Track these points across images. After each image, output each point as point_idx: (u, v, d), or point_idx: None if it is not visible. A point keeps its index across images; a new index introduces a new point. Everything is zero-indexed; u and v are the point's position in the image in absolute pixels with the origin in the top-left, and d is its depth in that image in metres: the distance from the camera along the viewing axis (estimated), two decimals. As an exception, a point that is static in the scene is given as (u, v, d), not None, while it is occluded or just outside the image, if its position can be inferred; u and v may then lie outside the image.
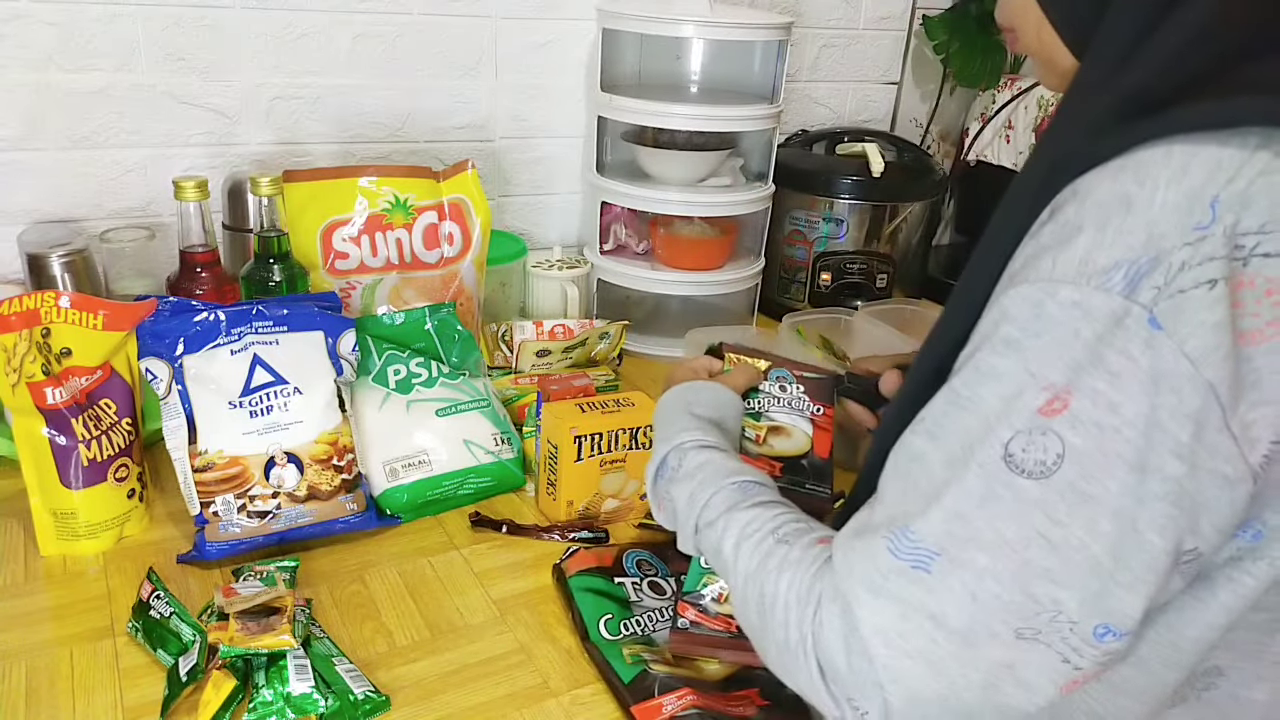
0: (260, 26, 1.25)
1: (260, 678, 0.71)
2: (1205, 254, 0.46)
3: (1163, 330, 0.46)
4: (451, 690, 0.75)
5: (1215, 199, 0.47)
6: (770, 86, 1.40)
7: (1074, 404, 0.47)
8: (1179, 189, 0.47)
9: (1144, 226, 0.47)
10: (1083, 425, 0.47)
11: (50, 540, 0.88)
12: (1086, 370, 0.47)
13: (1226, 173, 0.47)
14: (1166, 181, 0.48)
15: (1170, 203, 0.47)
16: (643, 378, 1.29)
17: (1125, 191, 0.48)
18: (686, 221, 1.41)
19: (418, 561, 0.91)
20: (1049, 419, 0.48)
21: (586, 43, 1.45)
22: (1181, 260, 0.46)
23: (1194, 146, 0.48)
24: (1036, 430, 0.48)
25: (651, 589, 0.86)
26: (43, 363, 0.83)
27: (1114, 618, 0.48)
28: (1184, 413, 0.46)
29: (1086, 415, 0.47)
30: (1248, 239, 0.46)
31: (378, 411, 0.97)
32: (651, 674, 0.75)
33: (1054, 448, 0.48)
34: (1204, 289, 0.46)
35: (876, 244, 1.52)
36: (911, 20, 1.75)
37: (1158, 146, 0.49)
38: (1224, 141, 0.48)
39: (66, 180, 1.21)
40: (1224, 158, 0.47)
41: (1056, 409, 0.48)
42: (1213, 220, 0.46)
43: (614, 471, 0.97)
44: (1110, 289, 0.47)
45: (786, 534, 0.59)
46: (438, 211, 1.15)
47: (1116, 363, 0.47)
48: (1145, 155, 0.49)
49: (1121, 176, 0.49)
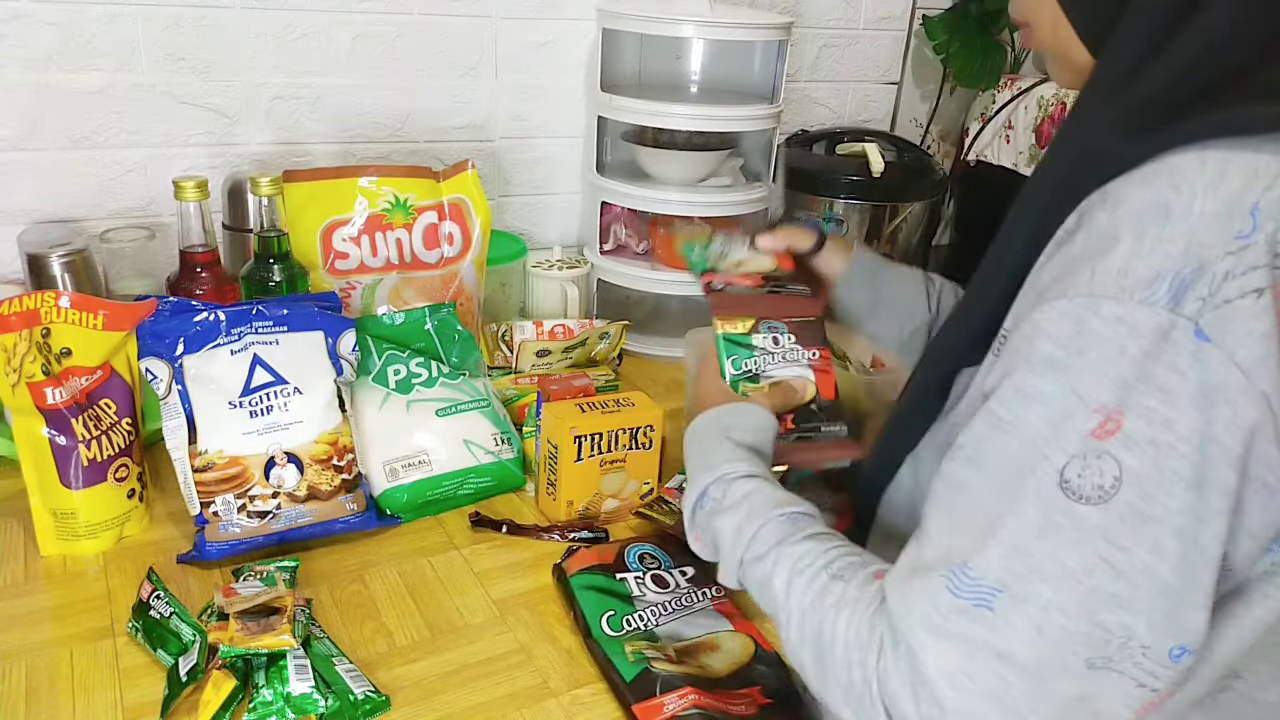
0: (260, 26, 1.25)
1: (260, 678, 0.71)
2: (1249, 263, 0.46)
3: (1210, 342, 0.45)
4: (451, 690, 0.75)
5: (1255, 206, 0.46)
6: (770, 86, 1.40)
7: (1127, 424, 0.46)
8: (1217, 196, 0.46)
9: (1184, 235, 0.46)
10: (1138, 445, 0.46)
11: (50, 540, 0.88)
12: (1136, 388, 0.46)
13: (1264, 180, 0.47)
14: (1204, 188, 0.47)
15: (1209, 211, 0.46)
16: (643, 378, 1.29)
17: (1162, 199, 0.47)
18: (686, 221, 1.41)
19: (418, 561, 0.91)
20: (1102, 441, 0.47)
21: (586, 43, 1.45)
22: (1225, 270, 0.46)
23: (1228, 153, 0.47)
24: (1091, 454, 0.47)
25: (655, 582, 0.86)
26: (43, 363, 0.83)
27: (1186, 637, 0.47)
28: (1239, 424, 0.45)
29: (1141, 435, 0.46)
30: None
31: (378, 411, 0.97)
32: (654, 672, 0.75)
33: (1110, 470, 0.46)
34: (1251, 298, 0.45)
35: (876, 244, 1.52)
36: (911, 20, 1.75)
37: (1190, 152, 0.48)
38: (1259, 147, 0.47)
39: (66, 180, 1.21)
40: (1261, 164, 0.47)
41: (1110, 430, 0.47)
42: (1254, 229, 0.46)
43: (614, 471, 0.97)
44: (1155, 302, 0.46)
45: (841, 569, 0.57)
46: (438, 211, 1.15)
47: (1166, 379, 0.46)
48: (1178, 161, 0.48)
49: (1156, 183, 0.48)
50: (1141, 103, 0.51)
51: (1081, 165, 0.52)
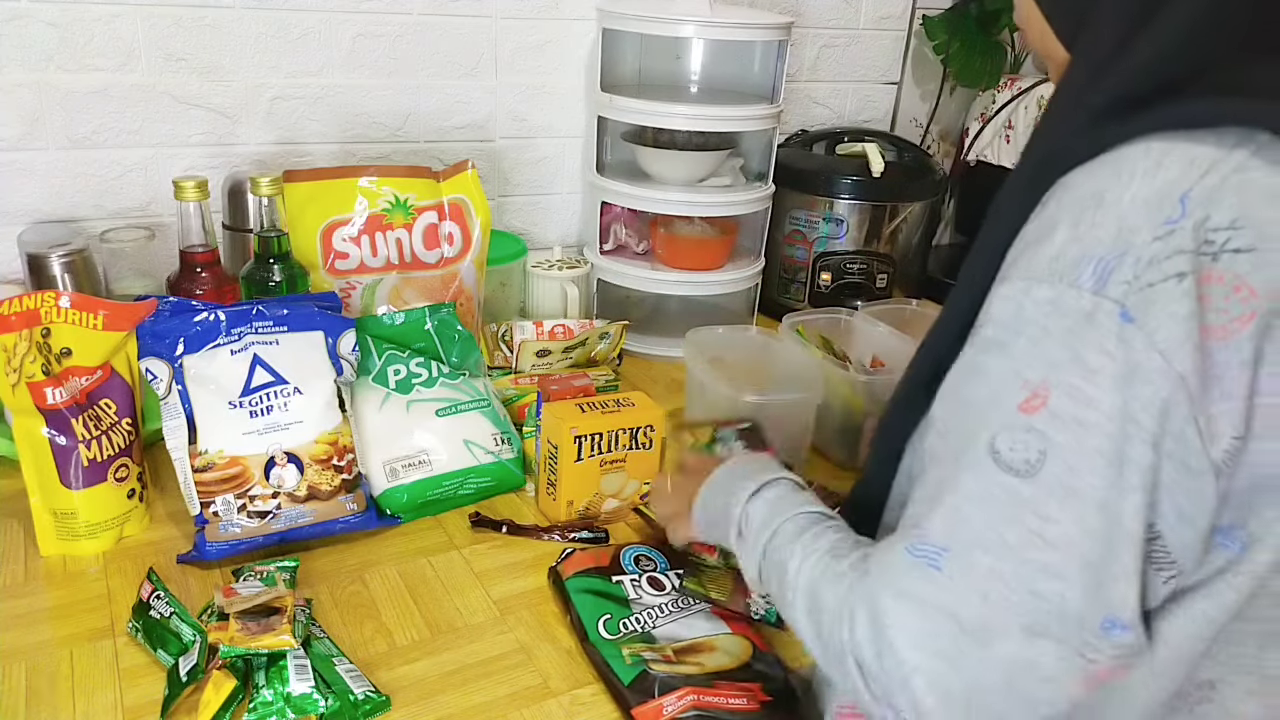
0: (260, 26, 1.25)
1: (260, 678, 0.71)
2: (1174, 247, 0.47)
3: (1134, 323, 0.47)
4: (451, 690, 0.75)
5: (1186, 194, 0.47)
6: (770, 86, 1.40)
7: (1053, 401, 0.48)
8: (1152, 184, 0.48)
9: (1114, 220, 0.48)
10: (1062, 421, 0.48)
11: (50, 540, 0.88)
12: (1063, 367, 0.48)
13: (1200, 169, 0.48)
14: (1141, 176, 0.48)
15: (1141, 197, 0.48)
16: (643, 378, 1.29)
17: (1100, 187, 0.50)
18: (686, 221, 1.41)
19: (418, 561, 0.91)
20: (1030, 416, 0.49)
21: (586, 43, 1.45)
22: (1151, 254, 0.47)
23: (1171, 143, 0.49)
24: (1019, 428, 0.49)
25: (651, 585, 0.86)
26: (43, 363, 0.83)
27: (1115, 609, 0.49)
28: (1155, 404, 0.47)
29: (1065, 411, 0.48)
30: (1218, 234, 0.47)
31: (378, 411, 0.97)
32: (652, 674, 0.75)
33: (1037, 445, 0.49)
34: (1173, 282, 0.47)
35: (876, 244, 1.52)
36: (911, 20, 1.75)
37: (1138, 144, 0.50)
38: (1201, 139, 0.48)
39: (66, 180, 1.21)
40: (1199, 155, 0.48)
41: (1036, 406, 0.49)
42: (1182, 215, 0.47)
43: (614, 471, 0.97)
44: (1081, 285, 0.48)
45: (839, 550, 0.60)
46: (438, 211, 1.15)
47: (1092, 359, 0.48)
48: (1125, 152, 0.50)
49: (1100, 172, 0.50)
50: (1106, 100, 0.53)
51: (1048, 160, 0.54)
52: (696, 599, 0.84)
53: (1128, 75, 0.52)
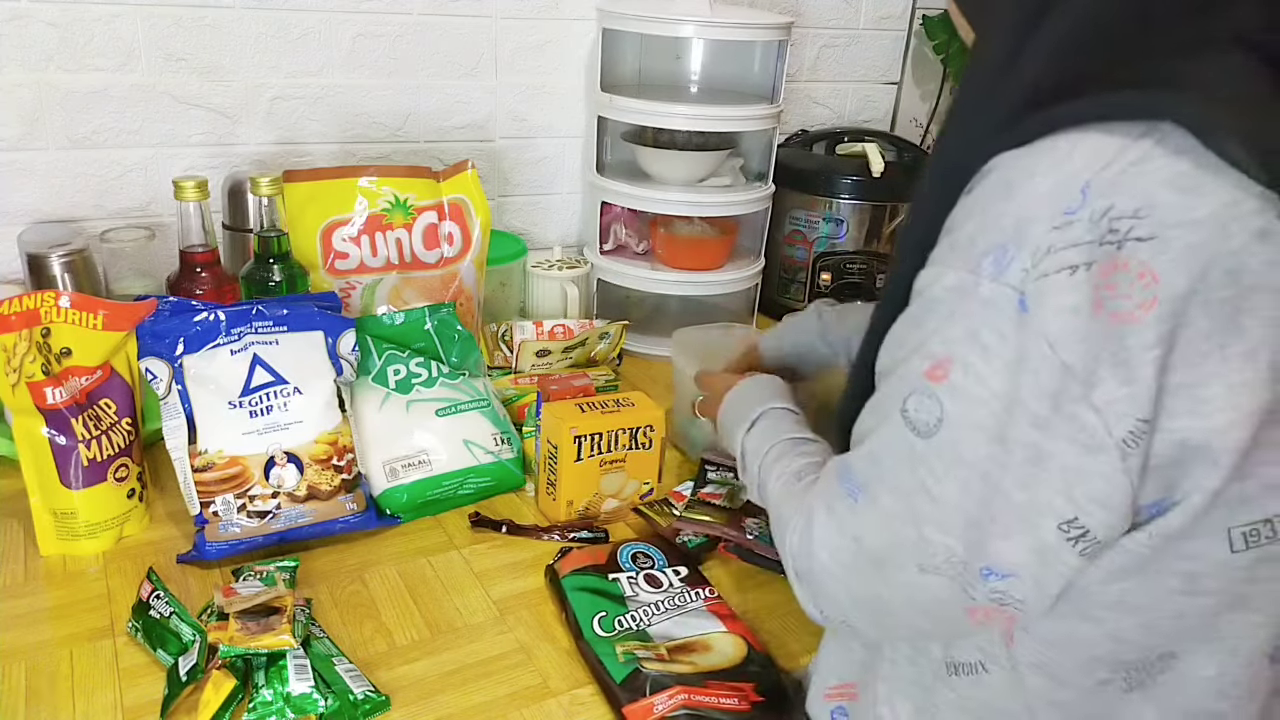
0: (260, 26, 1.25)
1: (260, 678, 0.71)
2: (1071, 239, 0.49)
3: (1028, 312, 0.49)
4: (451, 690, 0.75)
5: (1087, 184, 0.49)
6: (770, 86, 1.40)
7: (952, 374, 0.53)
8: (1057, 175, 0.50)
9: (1016, 211, 0.50)
10: (956, 395, 0.53)
11: (50, 540, 0.88)
12: (962, 344, 0.52)
13: (1103, 159, 0.49)
14: (1046, 168, 0.50)
15: (1044, 189, 0.50)
16: (643, 378, 1.29)
17: (1009, 178, 0.52)
18: (686, 221, 1.41)
19: (417, 561, 0.91)
20: (933, 384, 0.54)
21: (586, 43, 1.45)
22: (1048, 244, 0.49)
23: (1080, 135, 0.50)
24: (924, 393, 0.54)
25: (648, 582, 0.86)
26: (43, 363, 0.83)
27: (993, 561, 0.53)
28: (1041, 391, 0.50)
29: (960, 386, 0.52)
30: (1122, 223, 0.48)
31: (377, 411, 0.97)
32: (644, 673, 0.75)
33: (934, 411, 0.54)
34: (1065, 274, 0.48)
35: (876, 244, 1.52)
36: (911, 20, 1.75)
37: (1052, 137, 0.51)
38: (1110, 130, 0.50)
39: (66, 180, 1.21)
40: (1105, 145, 0.49)
41: (939, 376, 0.53)
42: (1081, 205, 0.49)
43: (614, 471, 0.97)
44: (981, 273, 0.51)
45: (804, 473, 0.70)
46: (438, 211, 1.15)
47: (989, 340, 0.51)
48: (1040, 144, 0.52)
49: (1014, 164, 0.52)
50: (1014, 93, 0.55)
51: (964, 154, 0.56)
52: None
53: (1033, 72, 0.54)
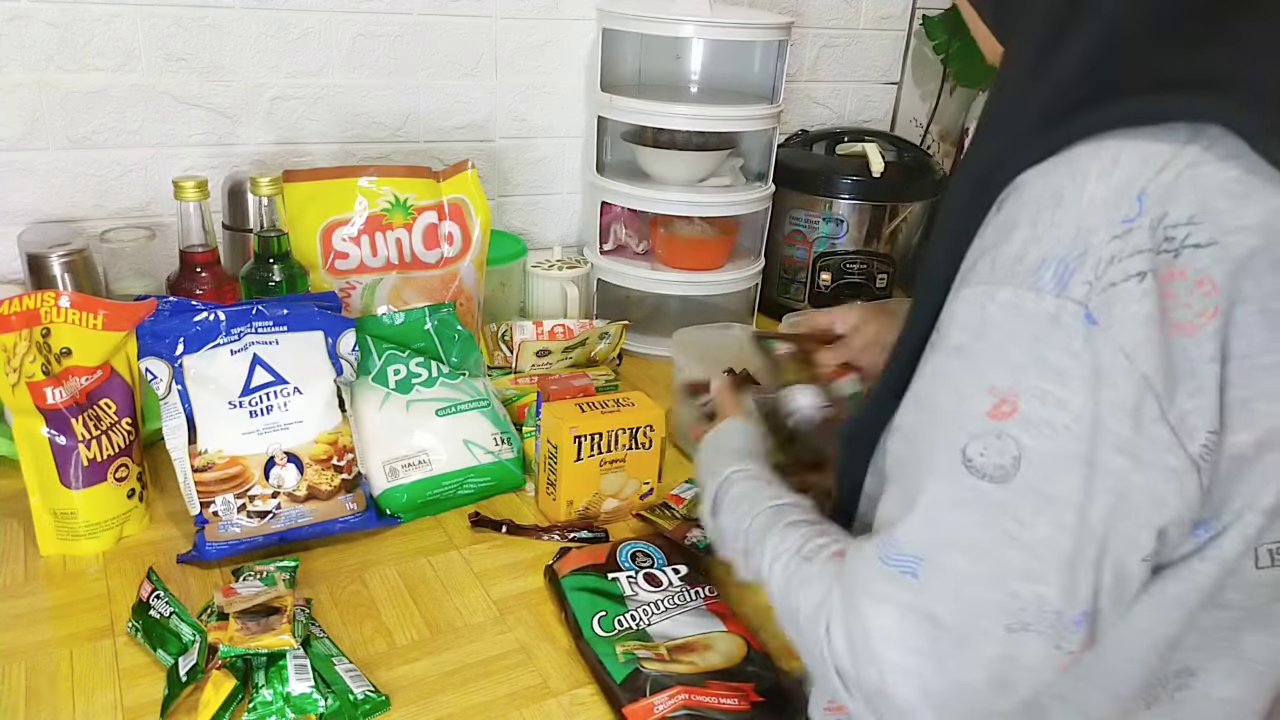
0: (260, 26, 1.25)
1: (260, 678, 0.71)
2: (1133, 246, 0.47)
3: (1098, 325, 0.47)
4: (451, 690, 0.75)
5: (1143, 192, 0.47)
6: (770, 86, 1.40)
7: (1023, 406, 0.48)
8: (1108, 183, 0.48)
9: (1073, 221, 0.48)
10: (1034, 427, 0.48)
11: (50, 540, 0.88)
12: (1030, 371, 0.48)
13: (1154, 166, 0.48)
14: (1097, 175, 0.48)
15: (1098, 197, 0.48)
16: (643, 378, 1.29)
17: (1057, 187, 0.49)
18: (686, 221, 1.41)
19: (417, 561, 0.91)
20: (1001, 422, 0.49)
21: (586, 43, 1.45)
22: (1111, 254, 0.47)
23: (1124, 141, 0.49)
24: (990, 434, 0.49)
25: (648, 581, 0.86)
26: (43, 363, 0.83)
27: (1085, 604, 0.49)
28: (1122, 406, 0.47)
29: (1036, 416, 0.48)
30: (1178, 230, 0.47)
31: (377, 411, 0.97)
32: (644, 673, 0.75)
33: (1010, 450, 0.49)
34: (1133, 281, 0.46)
35: (876, 244, 1.52)
36: (911, 20, 1.75)
37: (1090, 143, 0.49)
38: (1154, 136, 0.48)
39: (66, 180, 1.21)
40: (1153, 152, 0.48)
41: (1006, 412, 0.49)
42: (1140, 213, 0.47)
43: (614, 471, 0.97)
44: (1042, 288, 0.48)
45: (809, 551, 0.61)
46: (438, 211, 1.15)
47: (1059, 361, 0.47)
48: (1078, 151, 0.50)
49: (1055, 173, 0.50)
50: (1048, 99, 0.53)
51: (998, 162, 0.54)
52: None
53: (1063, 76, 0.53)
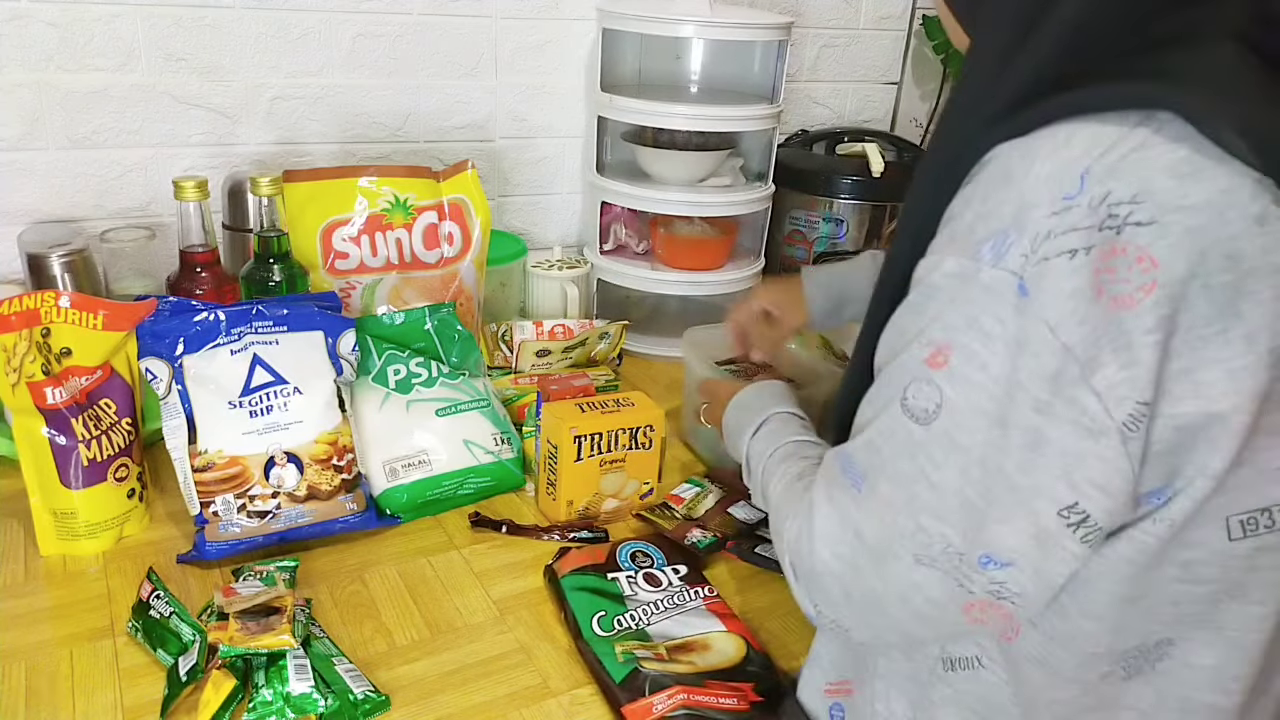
0: (260, 26, 1.25)
1: (260, 677, 0.71)
2: (1069, 224, 0.49)
3: (1028, 296, 0.50)
4: (451, 690, 0.75)
5: (1086, 171, 0.50)
6: (770, 86, 1.40)
7: (952, 360, 0.53)
8: (1054, 161, 0.51)
9: (1016, 197, 0.51)
10: (956, 380, 0.53)
11: (50, 540, 0.88)
12: (962, 330, 0.52)
13: (1102, 146, 0.50)
14: (1046, 155, 0.51)
15: (1043, 174, 0.51)
16: (643, 378, 1.29)
17: (1008, 166, 0.53)
18: (686, 221, 1.41)
19: (417, 561, 0.91)
20: (933, 370, 0.54)
21: (586, 43, 1.45)
22: (1048, 229, 0.50)
23: (1079, 125, 0.51)
24: (922, 380, 0.54)
25: (647, 581, 0.86)
26: (43, 363, 0.83)
27: (992, 548, 0.53)
28: (1041, 373, 0.50)
29: (959, 371, 0.53)
30: (1120, 208, 0.49)
31: (377, 411, 0.97)
32: (643, 672, 0.75)
33: (934, 397, 0.54)
34: (1064, 258, 0.49)
35: (876, 244, 1.52)
36: (911, 20, 1.75)
37: (1050, 127, 0.52)
38: (1106, 120, 0.51)
39: (66, 180, 1.21)
40: (1103, 133, 0.50)
41: (939, 363, 0.54)
42: (1080, 190, 0.50)
43: (614, 471, 0.97)
44: (981, 259, 0.52)
45: (805, 473, 0.69)
46: (438, 211, 1.15)
47: (989, 325, 0.51)
48: (1038, 134, 0.52)
49: (1011, 154, 0.53)
50: (1011, 90, 0.55)
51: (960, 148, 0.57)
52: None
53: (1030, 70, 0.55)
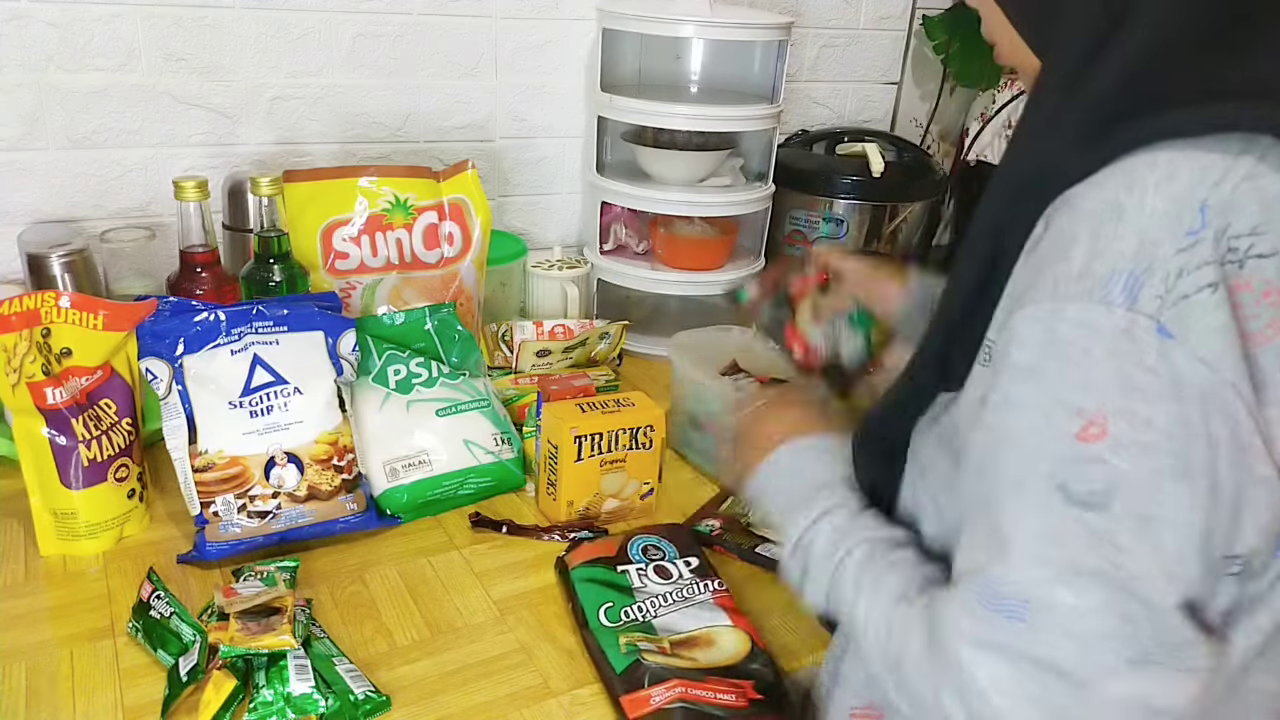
0: (260, 26, 1.25)
1: (260, 678, 0.71)
2: (1200, 259, 0.47)
3: (1174, 339, 0.46)
4: (451, 690, 0.75)
5: (1204, 203, 0.47)
6: (770, 86, 1.40)
7: (1112, 428, 0.47)
8: (1167, 194, 0.48)
9: (1136, 234, 0.47)
10: (1124, 448, 0.47)
11: (50, 540, 0.88)
12: (1112, 389, 0.47)
13: (1213, 177, 0.48)
14: (1154, 187, 0.48)
15: (1160, 209, 0.47)
16: (643, 378, 1.29)
17: (1115, 199, 0.49)
18: (686, 221, 1.41)
19: (418, 561, 0.91)
20: (1089, 445, 0.47)
21: (586, 43, 1.45)
22: (1179, 266, 0.47)
23: (1178, 152, 0.48)
24: (1081, 459, 0.48)
25: (657, 573, 0.86)
26: (43, 363, 0.83)
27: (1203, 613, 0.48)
28: (1213, 414, 0.46)
29: (1126, 436, 0.47)
30: (1241, 241, 0.47)
31: (378, 411, 0.97)
32: (644, 665, 0.75)
33: (1102, 474, 0.47)
34: (1206, 293, 0.46)
35: (876, 244, 1.52)
36: (911, 20, 1.75)
37: (1143, 154, 0.49)
38: (1206, 147, 0.48)
39: (66, 180, 1.21)
40: (1209, 163, 0.48)
41: (1095, 434, 0.47)
42: (1203, 225, 0.47)
43: (614, 471, 0.97)
44: (1112, 302, 0.47)
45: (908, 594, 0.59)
46: (438, 211, 1.15)
47: (1139, 377, 0.47)
48: (1132, 163, 0.49)
49: (1110, 184, 0.49)
50: (1090, 110, 0.52)
51: (1039, 175, 0.53)
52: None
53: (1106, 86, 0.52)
